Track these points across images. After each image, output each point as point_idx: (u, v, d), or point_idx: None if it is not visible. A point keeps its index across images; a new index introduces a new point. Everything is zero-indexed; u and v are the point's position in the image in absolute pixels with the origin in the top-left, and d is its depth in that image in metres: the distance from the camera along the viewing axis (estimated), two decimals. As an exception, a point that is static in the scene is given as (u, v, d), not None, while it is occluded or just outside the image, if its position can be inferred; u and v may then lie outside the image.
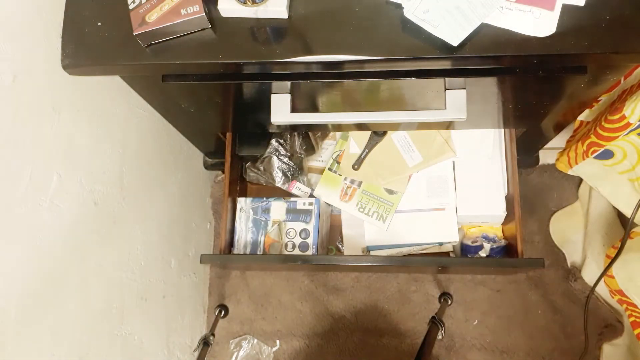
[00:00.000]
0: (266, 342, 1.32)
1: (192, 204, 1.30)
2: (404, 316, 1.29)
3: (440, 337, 1.07)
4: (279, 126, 0.95)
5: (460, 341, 1.27)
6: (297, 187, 1.06)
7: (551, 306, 1.26)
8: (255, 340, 1.32)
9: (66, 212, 0.75)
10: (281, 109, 0.78)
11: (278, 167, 1.02)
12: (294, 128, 1.03)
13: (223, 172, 1.14)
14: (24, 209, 0.67)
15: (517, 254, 0.96)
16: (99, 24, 0.65)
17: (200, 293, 1.33)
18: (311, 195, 1.09)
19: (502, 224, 1.06)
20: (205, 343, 0.95)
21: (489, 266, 1.01)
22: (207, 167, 1.26)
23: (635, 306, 0.94)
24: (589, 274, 1.14)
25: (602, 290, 1.11)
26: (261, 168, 1.02)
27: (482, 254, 1.01)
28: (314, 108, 0.84)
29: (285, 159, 1.01)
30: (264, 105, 0.79)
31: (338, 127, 1.04)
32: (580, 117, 1.01)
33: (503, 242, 1.03)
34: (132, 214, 0.95)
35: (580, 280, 1.24)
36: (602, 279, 0.98)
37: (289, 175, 1.03)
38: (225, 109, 0.90)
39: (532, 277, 1.28)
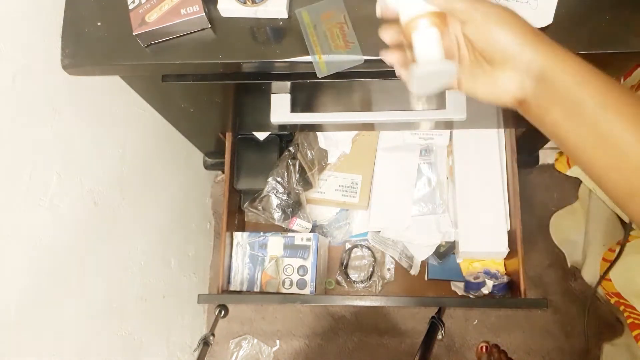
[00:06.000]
0: (266, 342, 1.32)
1: (192, 204, 1.30)
2: (404, 316, 1.29)
3: (440, 337, 1.06)
4: (279, 126, 0.95)
5: (460, 341, 1.27)
6: (297, 224, 1.06)
7: (551, 306, 1.26)
8: (255, 340, 1.32)
9: (66, 212, 0.75)
10: (281, 109, 0.78)
11: (277, 205, 1.01)
12: (293, 128, 1.04)
13: (223, 172, 1.14)
14: (24, 209, 0.67)
15: (520, 292, 0.93)
16: (99, 24, 0.65)
17: (200, 293, 1.33)
18: (312, 230, 1.09)
19: (505, 258, 1.06)
20: (205, 343, 0.94)
21: (492, 306, 0.99)
22: (207, 167, 1.26)
23: (634, 308, 0.94)
24: (589, 274, 1.14)
25: (600, 289, 1.12)
26: (260, 207, 1.03)
27: (485, 290, 1.01)
28: (314, 108, 0.84)
29: (284, 197, 1.01)
30: (264, 105, 0.79)
31: (337, 126, 1.04)
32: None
33: (505, 279, 1.02)
34: (132, 214, 0.95)
35: (580, 280, 1.24)
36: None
37: (288, 212, 1.03)
38: (225, 109, 0.90)
39: (532, 277, 1.28)
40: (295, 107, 0.79)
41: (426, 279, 1.18)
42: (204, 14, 0.60)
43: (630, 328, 0.99)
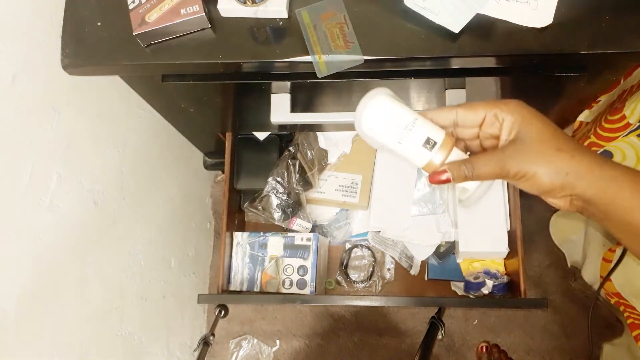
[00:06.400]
0: (266, 342, 1.32)
1: (192, 204, 1.30)
2: (404, 316, 1.29)
3: (440, 337, 1.06)
4: (279, 126, 0.95)
5: (460, 341, 1.27)
6: (297, 224, 1.06)
7: (551, 306, 1.26)
8: (255, 340, 1.32)
9: (66, 212, 0.75)
10: (281, 109, 0.78)
11: (277, 205, 1.02)
12: (293, 128, 1.04)
13: (223, 172, 1.14)
14: (24, 209, 0.67)
15: (520, 292, 0.93)
16: (99, 24, 0.65)
17: (200, 293, 1.33)
18: (312, 230, 1.09)
19: (505, 258, 1.06)
20: (205, 343, 0.94)
21: (492, 306, 0.98)
22: (207, 167, 1.26)
23: (634, 308, 0.94)
24: (589, 274, 1.14)
25: (602, 290, 1.12)
26: (260, 207, 1.03)
27: (485, 290, 1.01)
28: (314, 108, 0.84)
29: (284, 197, 1.01)
30: (264, 105, 0.79)
31: (338, 127, 1.04)
32: (580, 118, 1.01)
33: (505, 279, 1.02)
34: (132, 214, 0.95)
35: (580, 280, 1.24)
36: (599, 281, 0.98)
37: (288, 212, 1.03)
38: (225, 109, 0.90)
39: (532, 277, 1.28)
40: (295, 107, 0.79)
41: (426, 279, 1.18)
42: (204, 14, 0.60)
43: (630, 328, 0.99)
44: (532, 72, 0.69)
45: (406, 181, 1.07)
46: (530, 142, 0.45)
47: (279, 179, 1.01)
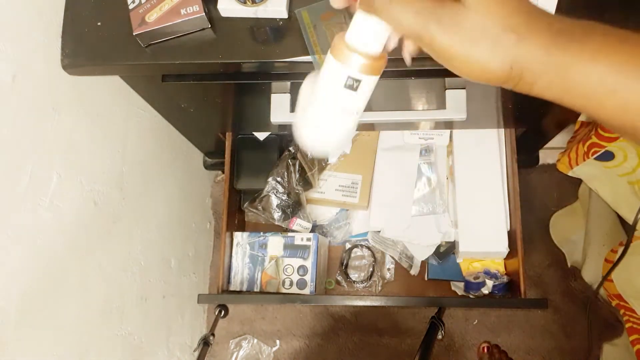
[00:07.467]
0: (266, 342, 1.32)
1: (192, 204, 1.30)
2: (404, 316, 1.29)
3: (440, 337, 1.06)
4: (279, 126, 0.95)
5: (460, 341, 1.27)
6: (297, 224, 1.07)
7: (551, 306, 1.26)
8: (255, 340, 1.32)
9: (66, 212, 0.75)
10: (281, 109, 0.78)
11: (277, 205, 1.02)
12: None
13: (223, 172, 1.14)
14: (24, 209, 0.67)
15: (520, 292, 0.94)
16: (99, 24, 0.65)
17: (200, 293, 1.33)
18: (312, 230, 1.09)
19: (505, 258, 1.06)
20: (205, 343, 0.95)
21: (492, 306, 0.99)
22: (207, 167, 1.26)
23: (633, 311, 0.94)
24: (589, 274, 1.14)
25: (602, 290, 1.11)
26: (260, 207, 1.03)
27: (485, 290, 1.01)
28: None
29: (284, 197, 1.01)
30: (264, 105, 0.79)
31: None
32: (581, 118, 1.01)
33: (505, 279, 1.02)
34: (132, 214, 0.95)
35: (580, 280, 1.24)
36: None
37: (288, 212, 1.03)
38: (225, 109, 0.90)
39: (532, 277, 1.28)
40: (295, 107, 0.79)
41: (426, 279, 1.18)
42: (204, 14, 0.60)
43: (628, 332, 0.98)
44: (532, 72, 0.69)
45: (406, 181, 1.07)
46: (475, 9, 0.33)
47: (279, 179, 1.01)
